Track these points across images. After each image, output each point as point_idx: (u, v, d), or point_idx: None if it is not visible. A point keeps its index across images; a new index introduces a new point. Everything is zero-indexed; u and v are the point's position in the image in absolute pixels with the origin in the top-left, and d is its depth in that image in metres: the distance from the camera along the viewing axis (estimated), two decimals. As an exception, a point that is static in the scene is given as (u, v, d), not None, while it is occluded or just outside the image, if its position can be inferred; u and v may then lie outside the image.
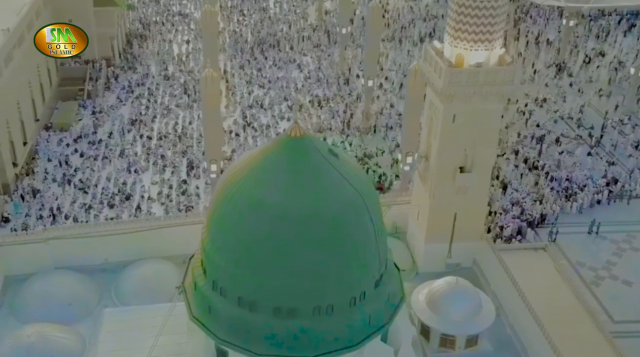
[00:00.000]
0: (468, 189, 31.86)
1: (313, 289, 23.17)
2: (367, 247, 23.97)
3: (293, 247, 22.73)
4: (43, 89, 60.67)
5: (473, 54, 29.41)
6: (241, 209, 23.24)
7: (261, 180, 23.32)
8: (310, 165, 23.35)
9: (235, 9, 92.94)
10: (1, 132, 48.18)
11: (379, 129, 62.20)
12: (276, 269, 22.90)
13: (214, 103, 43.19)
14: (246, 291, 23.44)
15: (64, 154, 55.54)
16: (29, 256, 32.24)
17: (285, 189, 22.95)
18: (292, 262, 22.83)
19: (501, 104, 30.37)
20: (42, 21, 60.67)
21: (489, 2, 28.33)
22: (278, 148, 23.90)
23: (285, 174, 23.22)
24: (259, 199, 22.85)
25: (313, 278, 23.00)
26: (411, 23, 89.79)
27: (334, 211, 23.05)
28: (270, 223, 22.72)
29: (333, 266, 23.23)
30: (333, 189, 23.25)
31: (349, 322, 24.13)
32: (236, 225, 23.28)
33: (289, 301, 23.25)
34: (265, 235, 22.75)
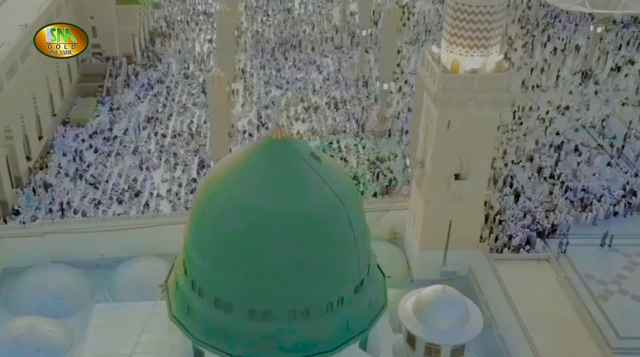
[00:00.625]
0: (463, 197, 31.53)
1: (288, 293, 23.20)
2: (346, 252, 23.91)
3: (269, 250, 22.81)
4: (62, 85, 61.90)
5: (468, 59, 29.08)
6: (220, 210, 23.44)
7: (241, 181, 23.47)
8: (290, 167, 23.41)
9: (260, 9, 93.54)
10: (15, 126, 49.29)
11: (394, 133, 61.92)
12: (252, 272, 23.01)
13: (221, 103, 43.58)
14: (222, 292, 23.59)
15: (79, 149, 56.61)
16: (26, 249, 32.95)
17: (264, 191, 23.04)
18: (267, 265, 22.91)
19: (497, 111, 29.98)
20: (62, 18, 61.95)
21: (485, 8, 28.00)
22: (259, 150, 24.04)
23: (265, 176, 23.31)
24: (237, 200, 23.01)
25: (288, 281, 23.03)
26: (437, 26, 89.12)
27: (312, 214, 23.06)
28: (247, 225, 22.85)
29: (309, 270, 23.25)
30: (312, 192, 23.26)
31: (325, 326, 24.11)
32: (214, 226, 23.47)
33: (264, 303, 23.33)
34: (242, 237, 22.89)
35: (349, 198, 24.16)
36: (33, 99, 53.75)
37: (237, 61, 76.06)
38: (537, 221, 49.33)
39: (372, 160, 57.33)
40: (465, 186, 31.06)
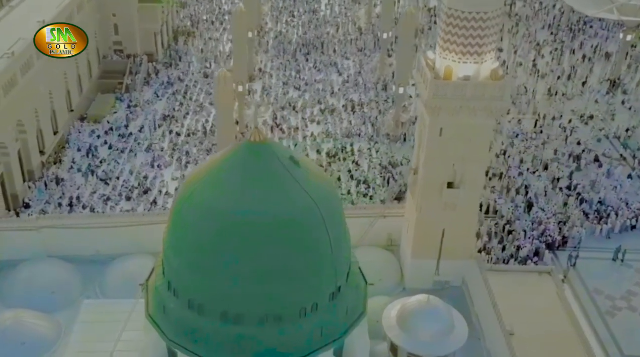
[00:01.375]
0: (456, 206, 31.07)
1: (260, 297, 23.07)
2: (321, 259, 23.69)
3: (241, 253, 22.72)
4: (81, 81, 63.05)
5: (462, 66, 28.59)
6: (195, 211, 23.49)
7: (216, 183, 23.48)
8: (267, 171, 23.30)
9: (286, 10, 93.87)
10: (29, 121, 50.39)
11: (409, 138, 61.43)
12: (224, 274, 22.97)
13: (227, 103, 43.83)
14: (196, 293, 23.60)
15: (93, 145, 57.60)
16: (22, 243, 33.54)
17: (238, 194, 22.99)
18: (239, 268, 22.83)
19: (491, 120, 29.47)
20: (84, 15, 63.22)
21: (478, 14, 27.51)
22: (237, 152, 24.01)
23: (240, 179, 23.27)
24: (211, 202, 23.02)
25: (261, 286, 22.89)
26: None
27: (286, 218, 22.91)
28: (219, 227, 22.84)
29: (282, 274, 23.08)
30: (288, 196, 23.11)
31: (298, 332, 23.90)
32: (189, 227, 23.53)
33: (236, 307, 23.24)
34: (214, 239, 22.88)
35: (327, 204, 23.94)
36: (49, 95, 54.87)
37: (259, 62, 76.52)
38: (548, 233, 48.54)
39: (385, 165, 57.04)
40: (458, 195, 30.57)
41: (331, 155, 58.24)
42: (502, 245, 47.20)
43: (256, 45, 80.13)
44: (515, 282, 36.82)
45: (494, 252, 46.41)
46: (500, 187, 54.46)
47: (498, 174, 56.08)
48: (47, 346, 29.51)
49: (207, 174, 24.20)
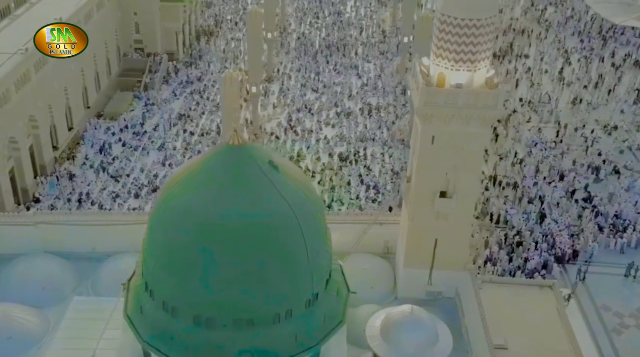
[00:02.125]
0: (448, 216, 30.56)
1: (233, 302, 23.02)
2: (296, 265, 23.54)
3: (214, 257, 22.75)
4: (99, 78, 63.94)
5: (454, 74, 28.06)
6: (171, 213, 23.58)
7: (193, 186, 23.54)
8: (244, 175, 23.24)
9: (311, 12, 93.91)
10: (42, 116, 51.24)
11: (424, 143, 60.77)
12: (196, 278, 22.98)
13: (233, 103, 43.96)
14: (169, 296, 23.67)
15: (108, 143, 58.35)
16: (20, 238, 34.00)
17: (213, 197, 22.99)
18: (212, 272, 22.83)
19: (485, 129, 28.88)
20: (104, 13, 64.14)
21: (471, 21, 26.94)
22: (216, 155, 24.06)
23: (217, 182, 23.25)
24: (186, 205, 23.08)
25: (233, 290, 22.85)
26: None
27: (261, 223, 22.81)
28: (193, 230, 22.87)
29: (255, 280, 23.00)
30: (263, 201, 23.01)
31: (272, 339, 23.81)
32: (165, 229, 23.62)
33: (208, 311, 23.24)
34: (188, 242, 22.91)
35: (305, 210, 23.76)
36: (64, 91, 55.73)
37: (279, 63, 76.69)
38: (558, 246, 47.51)
39: (397, 171, 56.54)
40: (451, 204, 30.04)
41: (343, 159, 57.98)
42: (510, 256, 46.33)
43: (277, 47, 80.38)
44: (515, 296, 36.08)
45: (500, 263, 45.61)
46: (513, 197, 53.51)
47: (512, 183, 55.12)
48: (33, 341, 29.83)
49: (185, 177, 24.30)
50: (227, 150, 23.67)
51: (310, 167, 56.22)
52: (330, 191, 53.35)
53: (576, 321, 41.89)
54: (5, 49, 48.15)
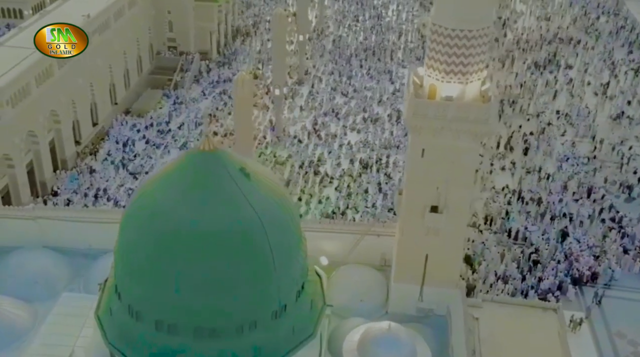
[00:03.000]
0: (439, 231, 29.73)
1: (193, 310, 22.88)
2: (260, 275, 23.20)
3: (177, 263, 22.65)
4: (129, 75, 65.10)
5: (445, 85, 27.19)
6: (137, 215, 23.62)
7: (161, 189, 23.49)
8: (211, 181, 23.04)
9: (350, 14, 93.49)
10: (64, 111, 52.41)
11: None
12: (159, 283, 22.95)
13: (246, 105, 44.02)
14: (134, 299, 23.69)
15: (132, 139, 59.31)
16: (19, 231, 34.76)
17: (179, 202, 22.85)
18: (174, 278, 22.73)
19: (475, 143, 27.91)
20: (137, 10, 65.30)
21: (462, 32, 25.99)
22: (186, 160, 23.96)
23: (184, 187, 23.13)
24: (152, 208, 23.07)
25: (194, 298, 22.69)
26: (536, 45, 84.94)
27: (224, 231, 22.56)
28: (157, 235, 22.78)
29: (217, 288, 22.80)
30: (229, 208, 22.74)
31: (234, 349, 23.55)
32: (131, 231, 23.66)
33: (170, 317, 23.13)
34: (151, 246, 22.87)
35: (275, 219, 23.38)
36: (90, 87, 56.94)
37: (311, 65, 76.54)
38: (577, 266, 45.76)
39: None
40: (441, 219, 29.21)
41: (364, 165, 57.37)
42: (523, 275, 44.87)
43: (311, 49, 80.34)
44: (516, 317, 34.91)
45: (512, 281, 44.22)
46: (535, 213, 51.85)
47: (536, 198, 53.43)
48: (18, 335, 30.37)
49: (157, 179, 24.33)
50: (198, 155, 23.54)
51: (329, 172, 55.84)
52: (347, 198, 52.83)
53: (586, 346, 40.39)
54: (30, 44, 49.35)
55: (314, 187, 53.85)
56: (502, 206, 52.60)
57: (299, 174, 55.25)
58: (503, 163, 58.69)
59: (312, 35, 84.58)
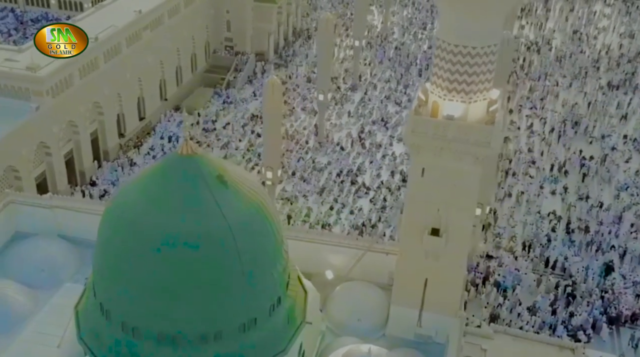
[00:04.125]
0: (439, 256, 28.68)
1: (157, 315, 22.90)
2: (225, 286, 22.88)
3: (138, 266, 22.72)
4: (181, 72, 66.53)
5: (447, 104, 26.11)
6: (111, 215, 23.80)
7: (135, 192, 23.62)
8: (184, 187, 23.00)
9: (418, 22, 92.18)
10: (108, 104, 54.11)
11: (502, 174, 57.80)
12: (124, 285, 23.14)
13: (275, 110, 44.00)
14: (105, 298, 23.97)
15: (177, 135, 60.62)
16: (37, 219, 36.14)
17: (150, 206, 22.87)
18: (136, 281, 22.89)
19: (477, 166, 26.71)
20: (194, 8, 66.61)
21: (465, 48, 24.88)
22: (164, 164, 24.05)
23: (157, 192, 23.09)
24: (120, 210, 23.36)
25: (156, 304, 22.70)
26: (614, 63, 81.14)
27: (190, 239, 22.41)
28: (123, 237, 22.85)
29: (177, 295, 22.70)
30: (198, 216, 22.57)
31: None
32: (104, 230, 23.83)
33: (135, 320, 23.18)
34: (116, 248, 23.07)
35: (247, 230, 23.03)
36: (138, 81, 58.58)
37: (369, 72, 75.96)
38: (616, 304, 43.22)
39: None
40: (440, 243, 28.16)
41: (404, 178, 56.33)
42: (553, 307, 42.77)
43: (371, 55, 79.76)
44: (528, 353, 33.34)
45: (540, 313, 42.25)
46: (580, 243, 49.38)
47: (583, 227, 50.89)
48: (16, 320, 31.49)
49: (135, 181, 24.60)
50: (176, 159, 23.56)
51: (367, 183, 55.18)
52: (380, 210, 52.02)
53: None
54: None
55: (349, 197, 53.31)
56: (545, 232, 50.43)
57: (335, 183, 54.85)
58: (554, 187, 56.26)
59: (375, 41, 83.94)
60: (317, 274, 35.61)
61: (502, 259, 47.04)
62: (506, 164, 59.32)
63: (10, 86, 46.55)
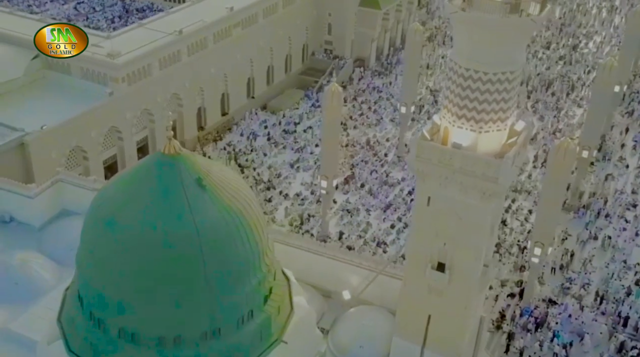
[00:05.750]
0: (442, 292, 27.18)
1: (119, 311, 23.46)
2: (184, 292, 23.05)
3: (105, 264, 23.31)
4: (273, 71, 67.74)
5: (456, 131, 24.48)
6: (89, 211, 24.98)
7: (115, 189, 24.47)
8: (161, 188, 23.25)
9: (541, 40, 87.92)
10: (188, 96, 56.24)
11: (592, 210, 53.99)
12: (94, 280, 24.08)
13: (334, 118, 43.86)
14: (82, 291, 24.94)
15: (256, 134, 61.94)
16: (81, 199, 38.33)
17: (123, 202, 23.45)
18: (104, 278, 23.63)
19: (485, 203, 24.91)
20: (294, 8, 67.57)
21: (477, 73, 23.13)
22: (147, 161, 24.65)
23: (134, 188, 23.57)
24: (98, 203, 24.28)
25: (121, 299, 23.37)
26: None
27: (155, 240, 22.78)
28: (94, 233, 23.77)
29: (138, 295, 23.19)
30: (167, 219, 22.84)
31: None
32: (83, 226, 25.00)
33: (99, 311, 23.92)
34: (88, 243, 24.18)
35: (216, 237, 22.93)
36: (224, 78, 60.40)
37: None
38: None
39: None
40: (443, 279, 26.65)
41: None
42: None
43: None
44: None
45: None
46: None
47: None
48: (36, 294, 33.57)
49: (118, 177, 25.62)
50: (158, 158, 24.04)
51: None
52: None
53: None
54: (168, 29, 54.04)
55: (414, 217, 51.89)
56: (626, 285, 46.34)
57: (403, 200, 53.60)
58: (653, 235, 51.64)
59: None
60: (336, 293, 35.22)
61: (566, 307, 43.89)
62: (600, 204, 55.17)
63: (91, 70, 49.88)
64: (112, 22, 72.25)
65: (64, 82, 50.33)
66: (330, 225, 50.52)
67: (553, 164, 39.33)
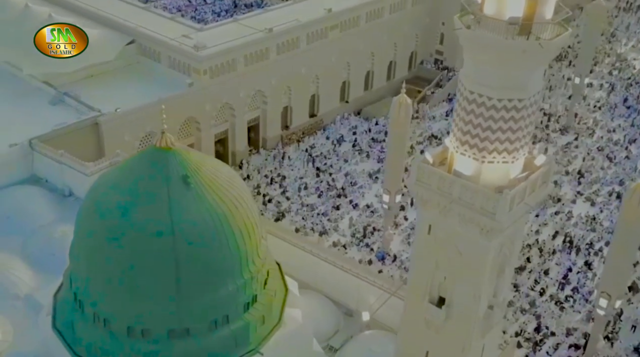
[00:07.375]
0: (439, 329, 25.71)
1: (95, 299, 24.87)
2: (155, 288, 23.77)
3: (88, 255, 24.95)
4: (372, 77, 67.18)
5: (459, 158, 22.97)
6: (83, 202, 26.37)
7: (106, 179, 25.89)
8: (144, 180, 24.18)
9: None
10: (273, 93, 57.04)
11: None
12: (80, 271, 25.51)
13: (401, 130, 43.00)
14: (74, 283, 26.08)
15: (342, 139, 61.81)
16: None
17: (106, 195, 24.71)
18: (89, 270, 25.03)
19: (487, 239, 23.12)
20: (402, 15, 67.01)
21: (481, 97, 21.46)
22: (140, 154, 25.77)
23: (122, 180, 24.83)
24: (88, 193, 25.72)
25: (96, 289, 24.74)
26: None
27: (130, 233, 23.62)
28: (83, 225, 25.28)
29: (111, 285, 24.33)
30: (145, 215, 23.59)
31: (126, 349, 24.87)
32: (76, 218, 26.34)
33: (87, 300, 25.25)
34: (78, 236, 25.53)
35: (192, 237, 23.33)
36: (315, 79, 60.74)
37: (596, 118, 68.90)
38: None
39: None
40: (439, 315, 25.23)
41: (567, 242, 50.73)
42: None
43: (604, 97, 72.21)
44: None
45: None
46: None
47: None
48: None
49: (114, 168, 27.19)
50: (150, 152, 24.96)
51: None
52: (518, 271, 47.58)
53: None
54: (260, 26, 55.26)
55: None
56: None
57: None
58: None
59: (623, 82, 75.24)
60: (357, 312, 34.57)
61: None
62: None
63: (177, 60, 52.18)
64: (217, 16, 74.97)
65: (153, 69, 53.09)
66: (396, 242, 49.55)
67: (626, 207, 36.14)
